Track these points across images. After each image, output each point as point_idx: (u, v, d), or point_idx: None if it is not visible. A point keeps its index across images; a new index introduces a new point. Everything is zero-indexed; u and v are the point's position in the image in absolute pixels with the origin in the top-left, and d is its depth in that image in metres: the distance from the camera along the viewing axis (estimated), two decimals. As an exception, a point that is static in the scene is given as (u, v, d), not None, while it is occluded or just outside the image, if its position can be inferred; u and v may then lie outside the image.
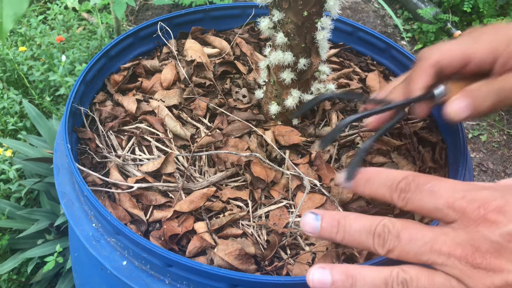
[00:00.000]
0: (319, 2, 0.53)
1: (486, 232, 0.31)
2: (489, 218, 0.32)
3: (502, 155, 1.76)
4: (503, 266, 0.30)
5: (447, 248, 0.32)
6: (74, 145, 0.61)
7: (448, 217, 0.34)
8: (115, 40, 0.72)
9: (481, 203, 0.32)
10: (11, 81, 1.64)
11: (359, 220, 0.36)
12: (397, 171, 0.37)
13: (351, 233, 0.36)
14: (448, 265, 0.32)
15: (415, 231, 0.34)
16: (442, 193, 0.34)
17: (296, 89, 0.62)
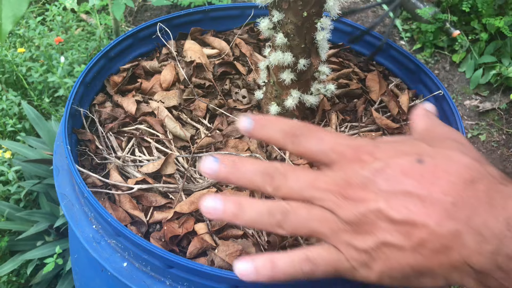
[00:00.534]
0: (319, 3, 0.53)
1: (358, 168, 0.36)
2: (362, 158, 0.36)
3: (502, 154, 1.76)
4: (368, 197, 0.34)
5: (325, 185, 0.36)
6: (73, 146, 0.61)
7: (330, 158, 0.38)
8: (114, 41, 0.72)
9: (357, 148, 0.37)
10: (10, 83, 1.64)
11: (253, 162, 0.39)
12: (290, 120, 0.40)
13: (246, 173, 0.38)
14: (324, 199, 0.36)
15: (301, 172, 0.38)
16: (328, 140, 0.38)
17: (296, 90, 0.62)
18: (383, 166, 0.35)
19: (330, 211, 0.36)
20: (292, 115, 0.66)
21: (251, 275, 0.37)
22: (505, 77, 1.85)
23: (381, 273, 0.35)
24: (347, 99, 0.73)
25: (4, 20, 0.39)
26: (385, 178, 0.34)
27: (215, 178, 0.39)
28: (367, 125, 0.68)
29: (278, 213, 0.37)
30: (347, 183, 0.35)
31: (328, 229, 0.36)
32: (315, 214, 0.36)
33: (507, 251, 0.31)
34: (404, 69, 0.76)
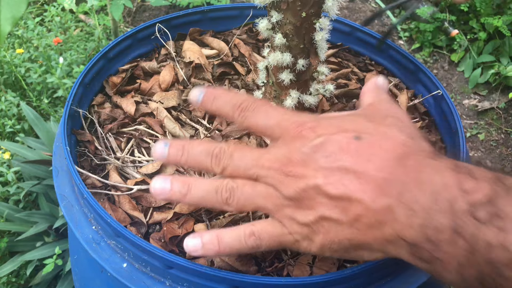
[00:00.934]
0: (318, 3, 0.53)
1: (299, 145, 0.37)
2: (303, 134, 0.38)
3: (500, 153, 1.76)
4: (307, 173, 0.36)
5: (268, 163, 0.37)
6: (73, 147, 0.61)
7: (275, 134, 0.40)
8: (113, 42, 0.72)
9: (300, 123, 0.39)
10: (9, 84, 1.64)
11: (201, 144, 0.40)
12: (241, 94, 0.42)
13: (193, 155, 0.40)
14: (268, 176, 0.37)
15: (247, 151, 0.39)
16: (274, 115, 0.40)
17: (295, 90, 0.62)
18: (322, 142, 0.36)
19: (274, 187, 0.37)
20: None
21: (198, 251, 0.40)
22: (504, 76, 1.86)
23: (322, 246, 0.37)
24: (346, 99, 0.73)
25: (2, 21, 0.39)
26: (324, 155, 0.36)
27: (166, 162, 0.40)
28: (366, 125, 0.68)
29: (224, 191, 0.38)
30: (288, 160, 0.37)
31: (272, 204, 0.38)
32: (259, 191, 0.38)
33: (435, 224, 0.32)
34: (403, 69, 0.76)
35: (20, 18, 0.38)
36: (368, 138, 0.36)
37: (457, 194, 0.33)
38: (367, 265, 0.45)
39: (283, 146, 0.38)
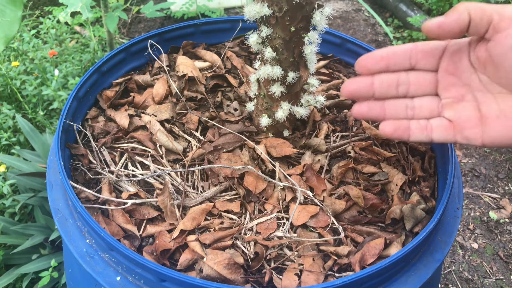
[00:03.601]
0: (306, 18, 0.54)
1: None
2: None
3: (494, 160, 1.78)
4: None
5: None
6: (67, 161, 0.62)
7: None
8: (107, 56, 0.73)
9: None
10: (4, 96, 1.64)
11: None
12: None
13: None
14: None
15: None
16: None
17: (286, 102, 0.63)
18: None
19: None
20: (283, 127, 0.67)
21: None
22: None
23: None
24: (337, 110, 0.74)
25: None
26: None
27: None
28: (357, 134, 0.69)
29: None
30: None
31: None
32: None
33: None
34: (393, 79, 0.77)
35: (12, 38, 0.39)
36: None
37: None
38: (357, 275, 0.46)
39: None
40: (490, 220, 1.57)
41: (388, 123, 0.45)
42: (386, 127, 0.45)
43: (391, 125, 0.45)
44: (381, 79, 0.45)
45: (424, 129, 0.45)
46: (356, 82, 0.45)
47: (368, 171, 0.64)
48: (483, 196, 1.66)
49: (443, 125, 0.44)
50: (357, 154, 0.65)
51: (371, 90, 0.45)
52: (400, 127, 0.45)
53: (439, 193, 0.62)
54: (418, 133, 0.45)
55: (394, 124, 0.45)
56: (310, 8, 0.54)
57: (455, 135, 0.44)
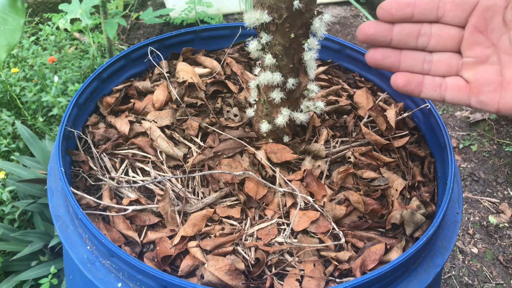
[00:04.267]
0: (306, 25, 0.55)
1: None
2: None
3: (493, 164, 1.78)
4: None
5: None
6: (67, 168, 0.62)
7: None
8: (107, 63, 0.73)
9: None
10: (4, 103, 1.64)
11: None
12: None
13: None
14: None
15: None
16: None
17: (285, 108, 0.63)
18: None
19: None
20: (283, 133, 0.67)
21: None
22: (494, 88, 1.88)
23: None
24: (337, 115, 0.75)
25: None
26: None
27: None
28: (356, 139, 0.70)
29: None
30: None
31: None
32: None
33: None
34: (392, 84, 0.77)
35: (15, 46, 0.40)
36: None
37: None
38: (358, 280, 0.46)
39: None
40: (489, 225, 1.57)
41: (400, 75, 0.43)
42: (398, 79, 0.42)
43: (404, 77, 0.42)
44: (401, 26, 0.41)
45: (438, 86, 0.42)
46: (375, 25, 0.42)
47: (368, 176, 0.64)
48: (482, 200, 1.66)
49: (459, 85, 0.42)
50: (357, 160, 0.65)
51: (389, 36, 0.42)
52: (413, 80, 0.42)
53: (439, 198, 0.62)
54: (430, 90, 0.43)
55: (407, 76, 0.42)
56: (309, 15, 0.54)
57: (469, 98, 0.41)
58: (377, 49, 0.43)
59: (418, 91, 0.43)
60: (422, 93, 0.43)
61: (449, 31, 0.41)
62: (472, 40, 0.41)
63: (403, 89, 0.43)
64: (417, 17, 0.41)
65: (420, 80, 0.42)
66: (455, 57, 0.42)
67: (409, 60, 0.42)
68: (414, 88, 0.42)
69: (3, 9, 0.41)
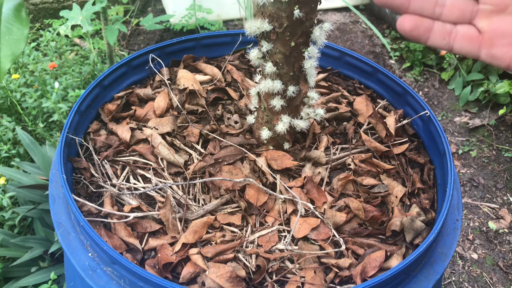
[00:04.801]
0: (306, 33, 0.55)
1: None
2: None
3: (493, 170, 1.78)
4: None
5: None
6: (69, 174, 0.62)
7: None
8: (108, 70, 0.74)
9: None
10: (4, 108, 1.65)
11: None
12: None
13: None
14: None
15: None
16: None
17: (286, 115, 0.64)
18: None
19: None
20: (283, 139, 0.68)
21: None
22: (493, 94, 1.89)
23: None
24: (337, 122, 0.75)
25: (2, 59, 0.40)
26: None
27: None
28: (356, 146, 0.70)
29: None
30: None
31: None
32: None
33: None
34: (391, 91, 0.78)
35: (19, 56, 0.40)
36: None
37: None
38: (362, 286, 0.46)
39: None
40: (489, 230, 1.57)
41: (408, 18, 0.39)
42: (406, 22, 0.39)
43: (412, 21, 0.39)
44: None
45: (447, 34, 0.39)
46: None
47: (368, 183, 0.64)
48: (482, 206, 1.67)
49: (470, 35, 0.39)
50: (357, 167, 0.66)
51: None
52: (421, 25, 0.39)
53: (438, 205, 0.62)
54: (439, 37, 0.39)
55: (416, 20, 0.39)
56: (309, 23, 0.55)
57: (479, 50, 0.39)
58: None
59: (426, 37, 0.39)
60: (429, 40, 0.39)
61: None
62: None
63: (410, 34, 0.39)
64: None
65: (429, 26, 0.39)
66: (471, 3, 0.39)
67: (420, 1, 0.39)
68: (422, 33, 0.39)
69: (8, 19, 0.41)
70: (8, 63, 0.40)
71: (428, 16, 0.39)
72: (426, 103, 2.05)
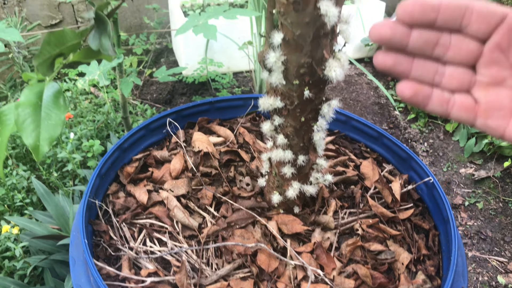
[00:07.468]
0: (315, 110, 0.59)
1: None
2: None
3: (500, 222, 1.79)
4: None
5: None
6: (89, 237, 0.65)
7: None
8: (128, 134, 0.78)
9: None
10: (20, 156, 1.70)
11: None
12: None
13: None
14: None
15: None
16: None
17: (296, 181, 0.67)
18: None
19: None
20: (293, 203, 0.71)
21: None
22: (497, 146, 1.92)
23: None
24: (345, 186, 0.78)
25: (42, 142, 0.44)
26: None
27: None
28: (364, 211, 0.73)
29: None
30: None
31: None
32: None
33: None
34: (396, 156, 0.81)
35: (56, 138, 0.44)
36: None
37: None
38: None
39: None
40: (498, 285, 1.56)
41: (408, 85, 0.40)
42: (405, 89, 0.40)
43: (412, 89, 0.40)
44: (420, 32, 0.39)
45: (445, 102, 0.40)
46: (392, 27, 0.38)
47: (375, 249, 0.66)
48: (490, 260, 1.66)
49: (467, 105, 0.40)
50: (364, 232, 0.68)
51: (405, 41, 0.39)
52: (421, 92, 0.40)
53: (443, 272, 0.64)
54: (437, 104, 0.40)
55: (416, 88, 0.40)
56: (318, 101, 0.59)
57: (475, 119, 0.40)
58: (388, 53, 0.39)
59: (425, 104, 0.41)
60: (428, 107, 0.41)
61: (468, 45, 0.39)
62: (491, 58, 0.39)
63: (409, 100, 0.40)
64: (439, 24, 0.38)
65: (428, 93, 0.40)
66: (469, 73, 0.40)
67: (420, 69, 0.40)
68: (421, 100, 0.41)
69: (48, 105, 0.46)
70: (46, 146, 0.44)
71: (428, 83, 0.41)
72: (431, 154, 2.08)
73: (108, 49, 0.42)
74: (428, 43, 0.39)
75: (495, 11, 0.37)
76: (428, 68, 0.40)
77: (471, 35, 0.39)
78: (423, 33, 0.39)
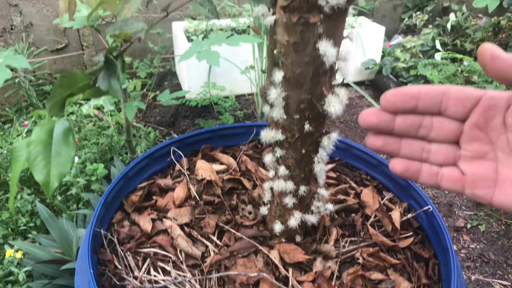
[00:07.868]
0: (315, 142, 0.61)
1: None
2: None
3: (503, 245, 1.78)
4: None
5: None
6: (94, 266, 0.66)
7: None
8: (133, 163, 0.80)
9: None
10: (24, 180, 1.72)
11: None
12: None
13: None
14: None
15: None
16: None
17: (298, 211, 0.68)
18: None
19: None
20: (295, 232, 0.72)
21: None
22: (498, 168, 1.93)
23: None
24: (345, 213, 0.79)
25: (52, 179, 0.46)
26: None
27: None
28: (364, 239, 0.74)
29: None
30: None
31: None
32: None
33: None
34: (396, 184, 0.83)
35: (65, 175, 0.46)
36: None
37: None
38: None
39: None
40: (502, 310, 1.55)
41: (399, 162, 0.44)
42: (397, 165, 0.44)
43: (403, 165, 0.44)
44: (404, 117, 0.43)
45: (434, 175, 0.44)
46: (377, 115, 0.43)
47: (376, 278, 0.67)
48: (493, 283, 1.65)
49: (454, 176, 0.43)
50: (365, 261, 0.69)
51: (391, 126, 0.43)
52: (411, 168, 0.44)
53: (444, 301, 0.65)
54: (427, 177, 0.44)
55: (406, 164, 0.44)
56: (318, 134, 0.61)
57: (463, 189, 0.43)
58: (378, 136, 0.44)
59: (415, 178, 0.45)
60: (419, 180, 0.45)
61: (449, 125, 0.43)
62: (471, 135, 0.42)
63: (401, 175, 0.44)
64: (420, 109, 0.42)
65: (417, 168, 0.44)
66: (453, 149, 0.44)
67: (408, 148, 0.44)
68: (412, 175, 0.44)
69: (58, 143, 0.48)
70: (56, 182, 0.46)
71: (417, 159, 0.45)
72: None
73: (117, 91, 0.44)
74: (412, 126, 0.43)
75: (471, 94, 0.41)
76: (415, 146, 0.44)
77: (451, 116, 0.42)
78: (407, 118, 0.43)
